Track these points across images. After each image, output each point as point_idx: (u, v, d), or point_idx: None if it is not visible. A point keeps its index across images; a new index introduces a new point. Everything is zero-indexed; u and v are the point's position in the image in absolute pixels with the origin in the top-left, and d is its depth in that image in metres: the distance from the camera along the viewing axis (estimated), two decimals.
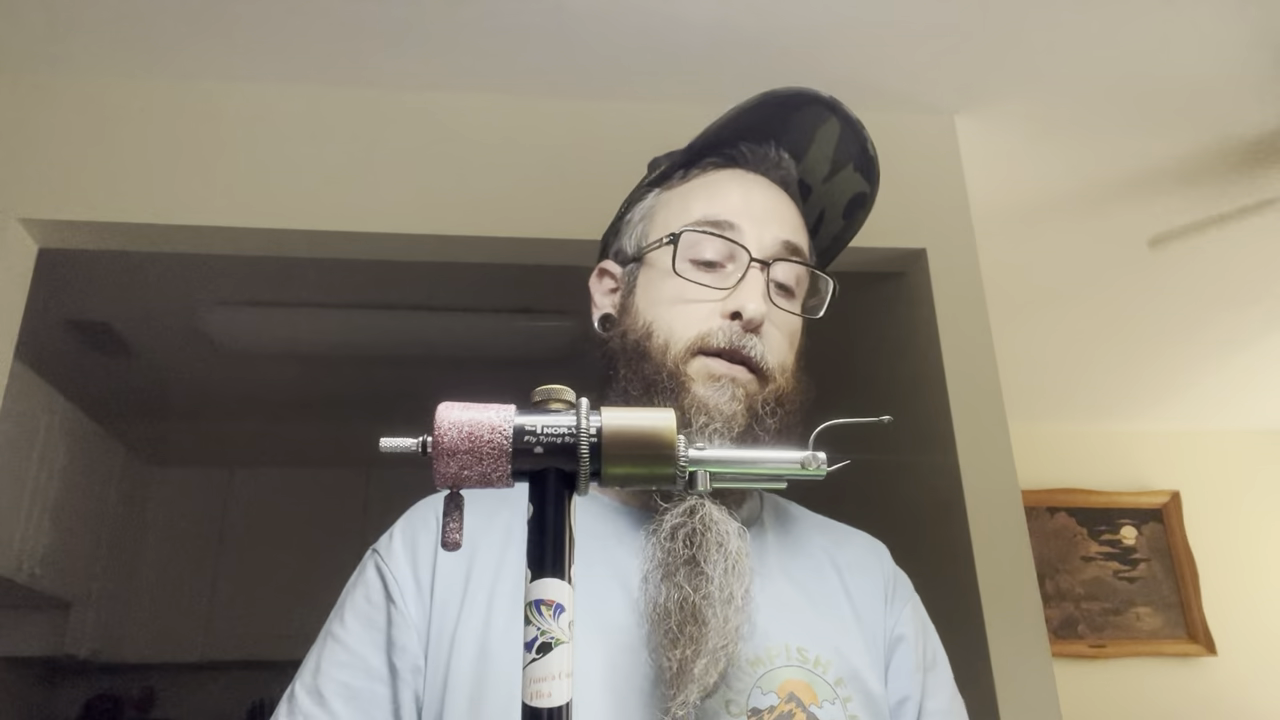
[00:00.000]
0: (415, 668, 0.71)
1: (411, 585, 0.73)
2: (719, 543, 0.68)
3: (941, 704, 0.79)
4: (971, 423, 1.80)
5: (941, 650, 0.84)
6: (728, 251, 0.78)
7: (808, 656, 0.71)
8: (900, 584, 0.84)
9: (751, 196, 0.82)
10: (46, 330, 2.75)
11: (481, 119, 1.88)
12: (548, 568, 0.48)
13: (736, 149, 0.85)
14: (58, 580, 2.98)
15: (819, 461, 0.53)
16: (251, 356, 2.96)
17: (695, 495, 0.70)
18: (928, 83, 1.87)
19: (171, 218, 1.74)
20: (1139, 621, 3.61)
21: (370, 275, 2.36)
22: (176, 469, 3.71)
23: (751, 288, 0.76)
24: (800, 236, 0.83)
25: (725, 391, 0.74)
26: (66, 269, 2.08)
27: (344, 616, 0.75)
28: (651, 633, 0.67)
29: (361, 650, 0.72)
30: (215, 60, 1.78)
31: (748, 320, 0.75)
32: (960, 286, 1.89)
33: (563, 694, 0.45)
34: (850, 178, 0.87)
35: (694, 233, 0.78)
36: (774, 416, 0.76)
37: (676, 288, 0.78)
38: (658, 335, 0.77)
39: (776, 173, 0.85)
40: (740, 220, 0.79)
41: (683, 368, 0.75)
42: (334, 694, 0.70)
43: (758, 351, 0.75)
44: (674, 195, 0.84)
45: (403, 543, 0.76)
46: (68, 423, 2.99)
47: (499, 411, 0.50)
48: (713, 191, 0.82)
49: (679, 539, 0.68)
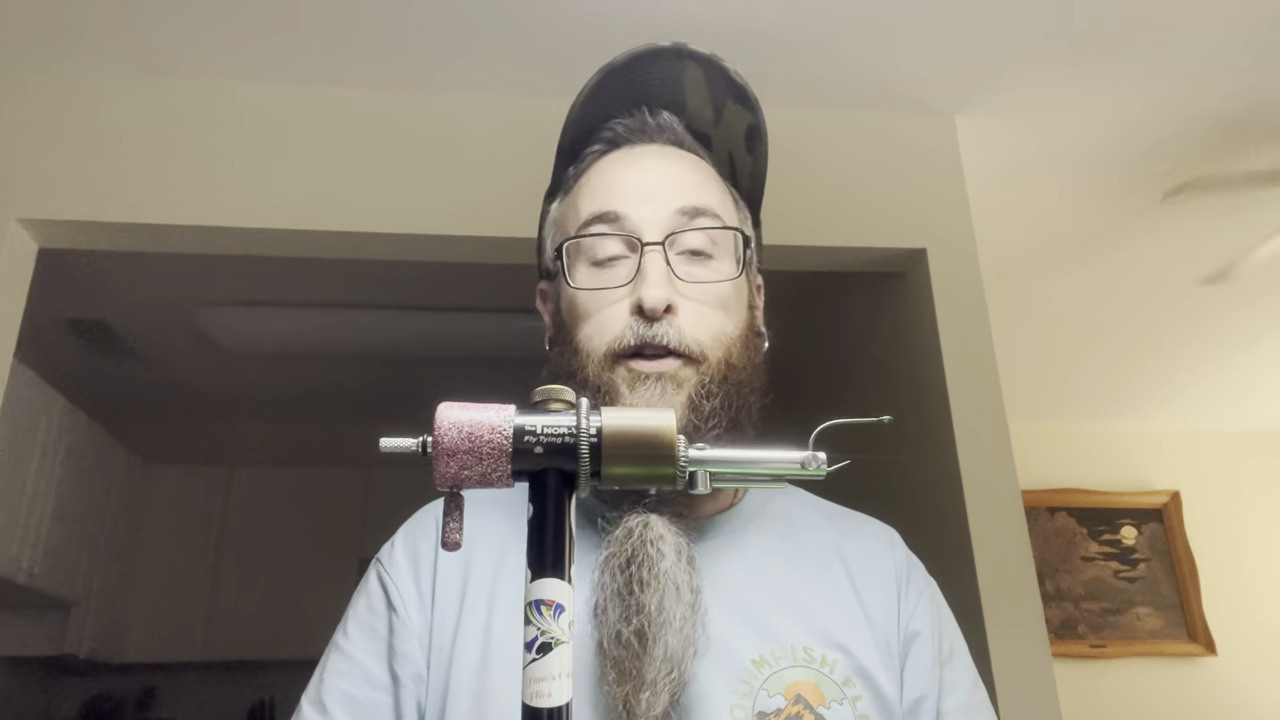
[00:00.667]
0: (418, 676, 0.70)
1: (413, 593, 0.73)
2: (651, 564, 0.66)
3: (960, 699, 0.75)
4: (971, 423, 1.80)
5: (960, 640, 0.80)
6: (623, 243, 0.74)
7: (814, 656, 0.69)
8: (914, 575, 0.80)
9: (637, 174, 0.78)
10: (46, 330, 2.75)
11: (481, 119, 1.88)
12: (548, 568, 0.48)
13: (611, 129, 0.81)
14: (58, 580, 2.98)
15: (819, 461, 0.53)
16: (251, 356, 2.96)
17: (639, 511, 0.68)
18: (928, 83, 1.87)
19: (171, 218, 1.74)
20: (1139, 621, 3.61)
21: (370, 275, 2.36)
22: (176, 469, 3.71)
23: (650, 273, 0.72)
24: (705, 193, 0.77)
25: (653, 390, 0.70)
26: (66, 269, 2.07)
27: (347, 627, 0.74)
28: (600, 665, 0.65)
29: (363, 660, 0.71)
30: (215, 60, 1.78)
31: (649, 310, 0.71)
32: (960, 286, 1.89)
33: (563, 694, 0.46)
34: (735, 111, 0.82)
35: (577, 239, 0.75)
36: (715, 398, 0.71)
37: (582, 301, 0.75)
38: (580, 351, 0.74)
39: (664, 135, 0.81)
40: (624, 205, 0.75)
41: (607, 377, 0.71)
42: (336, 704, 0.70)
43: (673, 336, 0.71)
44: (567, 203, 0.81)
45: (404, 550, 0.76)
46: (68, 423, 2.99)
47: (499, 411, 0.50)
48: (597, 186, 0.78)
49: (610, 569, 0.67)
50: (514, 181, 1.84)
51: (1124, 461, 3.80)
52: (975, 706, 0.76)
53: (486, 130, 1.87)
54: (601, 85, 0.80)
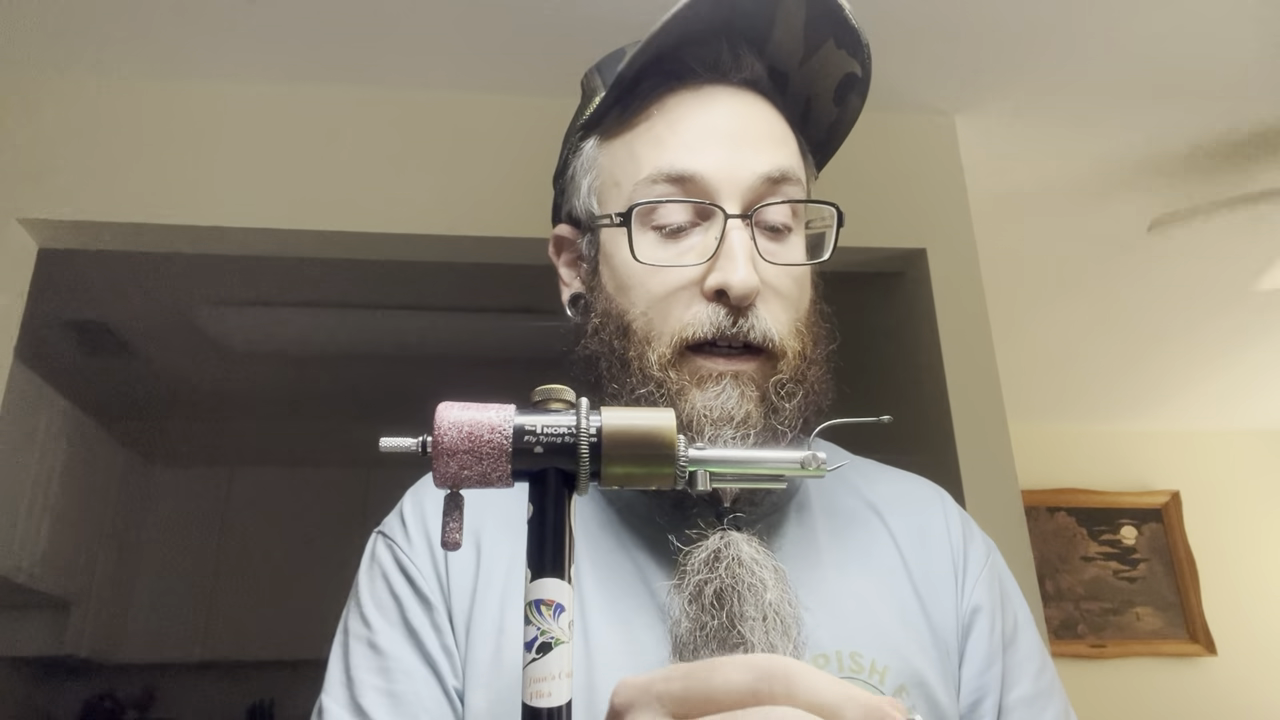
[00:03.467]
0: (451, 658, 0.62)
1: (431, 572, 0.65)
2: (755, 596, 0.58)
3: (1023, 691, 0.66)
4: (971, 423, 1.80)
5: (1023, 609, 0.71)
6: (693, 209, 0.64)
7: (862, 664, 0.61)
8: (971, 546, 0.70)
9: (712, 123, 0.66)
10: (46, 330, 2.75)
11: (481, 119, 1.88)
12: (548, 568, 0.48)
13: (679, 61, 0.68)
14: (58, 580, 2.98)
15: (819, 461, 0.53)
16: (251, 356, 2.96)
17: (719, 530, 0.60)
18: (928, 83, 1.87)
19: (171, 218, 1.74)
20: (1139, 621, 3.61)
21: (370, 275, 2.36)
22: (176, 469, 3.71)
23: (734, 251, 0.62)
24: (788, 155, 0.67)
25: (730, 394, 0.62)
26: (66, 269, 2.07)
27: (365, 614, 0.65)
28: None
29: (394, 650, 0.63)
30: (215, 60, 1.78)
31: (737, 298, 0.61)
32: (960, 286, 1.90)
33: (563, 694, 0.45)
34: (833, 56, 0.69)
35: (648, 205, 0.64)
36: (795, 398, 0.63)
37: (642, 275, 0.64)
38: (635, 333, 0.64)
39: (737, 75, 0.68)
40: (703, 165, 0.64)
41: (672, 375, 0.62)
42: (375, 704, 0.61)
43: (758, 331, 0.62)
44: (618, 144, 0.69)
45: (416, 525, 0.68)
46: (68, 423, 2.99)
47: (499, 411, 0.50)
48: (662, 132, 0.66)
49: (706, 600, 0.58)
50: (514, 181, 1.84)
51: (1124, 461, 3.80)
52: (1040, 695, 0.67)
53: (486, 130, 1.87)
54: (687, 8, 0.66)
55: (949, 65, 1.82)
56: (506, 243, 1.81)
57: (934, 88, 1.89)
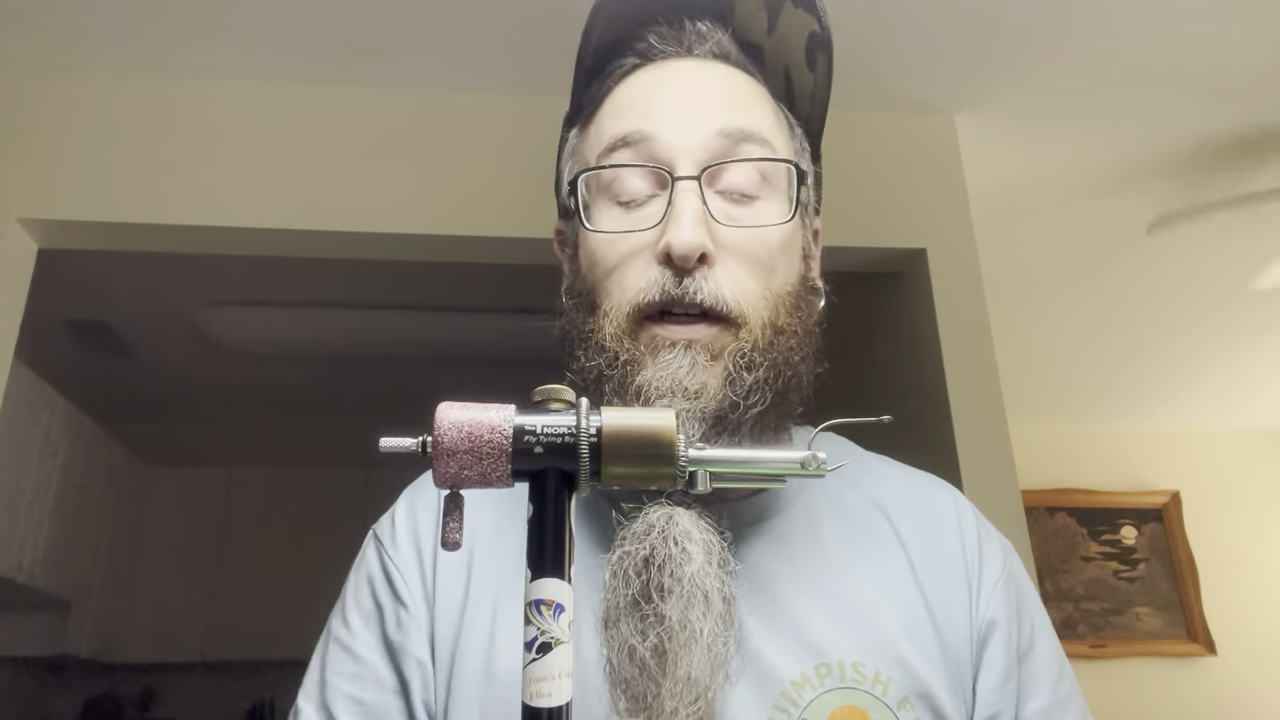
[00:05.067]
0: (425, 677, 0.62)
1: (418, 581, 0.64)
2: (674, 567, 0.55)
3: (1040, 703, 0.64)
4: (971, 423, 1.80)
5: (1040, 616, 0.69)
6: (652, 178, 0.62)
7: (865, 674, 0.59)
8: (986, 551, 0.67)
9: (671, 90, 0.65)
10: (46, 330, 2.75)
11: (481, 119, 1.88)
12: (547, 567, 0.48)
13: (642, 40, 0.67)
14: (58, 580, 2.98)
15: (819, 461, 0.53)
16: (251, 356, 2.96)
17: (660, 504, 0.58)
18: (928, 83, 1.87)
19: (171, 218, 1.74)
20: (1139, 621, 3.61)
21: (370, 275, 2.36)
22: (176, 469, 3.71)
23: (682, 213, 0.59)
24: (752, 116, 0.64)
25: (680, 362, 0.59)
26: (66, 269, 2.07)
27: (348, 617, 0.65)
28: (611, 693, 0.55)
29: (370, 657, 0.63)
30: (215, 60, 1.78)
31: (678, 258, 0.58)
32: (960, 286, 1.90)
33: (563, 694, 0.45)
34: (794, 16, 0.68)
35: (596, 170, 0.63)
36: (758, 369, 0.60)
37: (602, 245, 0.62)
38: (598, 309, 0.62)
39: (704, 47, 0.67)
40: (656, 127, 0.62)
41: (626, 344, 0.60)
42: (344, 710, 0.61)
43: (707, 292, 0.59)
44: (590, 128, 0.68)
45: (406, 530, 0.67)
46: (68, 423, 2.99)
47: (499, 411, 0.50)
48: (623, 102, 0.65)
49: (624, 572, 0.56)
50: (513, 181, 1.84)
51: (1124, 461, 3.80)
52: (1058, 705, 0.65)
53: (487, 130, 1.87)
54: None
55: (949, 65, 1.82)
56: (506, 243, 1.81)
57: (934, 88, 1.89)
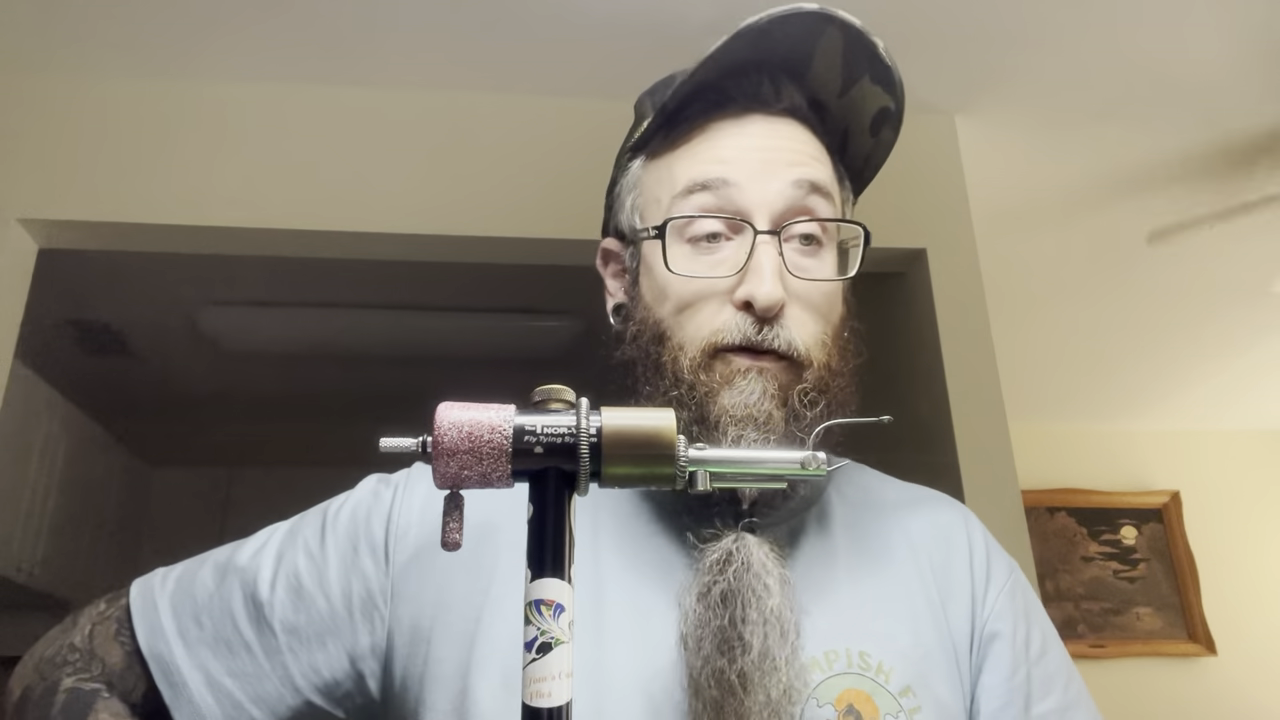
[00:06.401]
0: (370, 667, 0.67)
1: (412, 542, 0.69)
2: (757, 600, 0.61)
3: (1052, 704, 0.69)
4: (971, 423, 1.80)
5: (1051, 633, 0.74)
6: (727, 224, 0.69)
7: (870, 663, 0.64)
8: (994, 565, 0.73)
9: (747, 141, 0.70)
10: (46, 330, 2.75)
11: (481, 119, 1.88)
12: (548, 568, 0.48)
13: (721, 91, 0.73)
14: (58, 580, 2.98)
15: (819, 461, 0.53)
16: (251, 356, 2.96)
17: (733, 533, 0.64)
18: (928, 83, 1.87)
19: (171, 218, 1.74)
20: (1139, 621, 3.61)
21: (370, 275, 2.36)
22: (176, 469, 3.71)
23: (761, 265, 0.66)
24: (819, 168, 0.71)
25: (754, 387, 0.65)
26: (66, 269, 2.07)
27: (327, 532, 0.71)
28: (693, 704, 0.60)
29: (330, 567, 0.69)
30: (215, 60, 1.78)
31: (762, 310, 0.65)
32: (960, 286, 1.89)
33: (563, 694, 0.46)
34: (869, 91, 0.74)
35: (681, 219, 0.69)
36: (818, 406, 0.66)
37: (676, 285, 0.68)
38: (669, 339, 0.68)
39: (777, 104, 0.73)
40: (734, 174, 0.68)
41: (702, 377, 0.66)
42: (282, 579, 0.69)
43: (783, 340, 0.66)
44: (660, 164, 0.73)
45: (424, 495, 0.71)
46: (68, 423, 2.99)
47: (499, 411, 0.50)
48: (699, 149, 0.71)
49: (712, 600, 0.62)
50: (514, 181, 1.84)
51: (1124, 461, 3.80)
52: (1070, 707, 0.70)
53: (486, 130, 1.87)
54: (728, 46, 0.70)
55: (949, 65, 1.82)
56: (507, 243, 1.81)
57: (934, 88, 1.89)
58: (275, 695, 0.66)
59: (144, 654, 0.68)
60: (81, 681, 0.66)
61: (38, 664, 0.69)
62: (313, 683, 0.67)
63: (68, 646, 0.70)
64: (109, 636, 0.70)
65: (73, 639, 0.70)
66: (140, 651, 0.68)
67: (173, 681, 0.66)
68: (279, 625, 0.67)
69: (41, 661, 0.70)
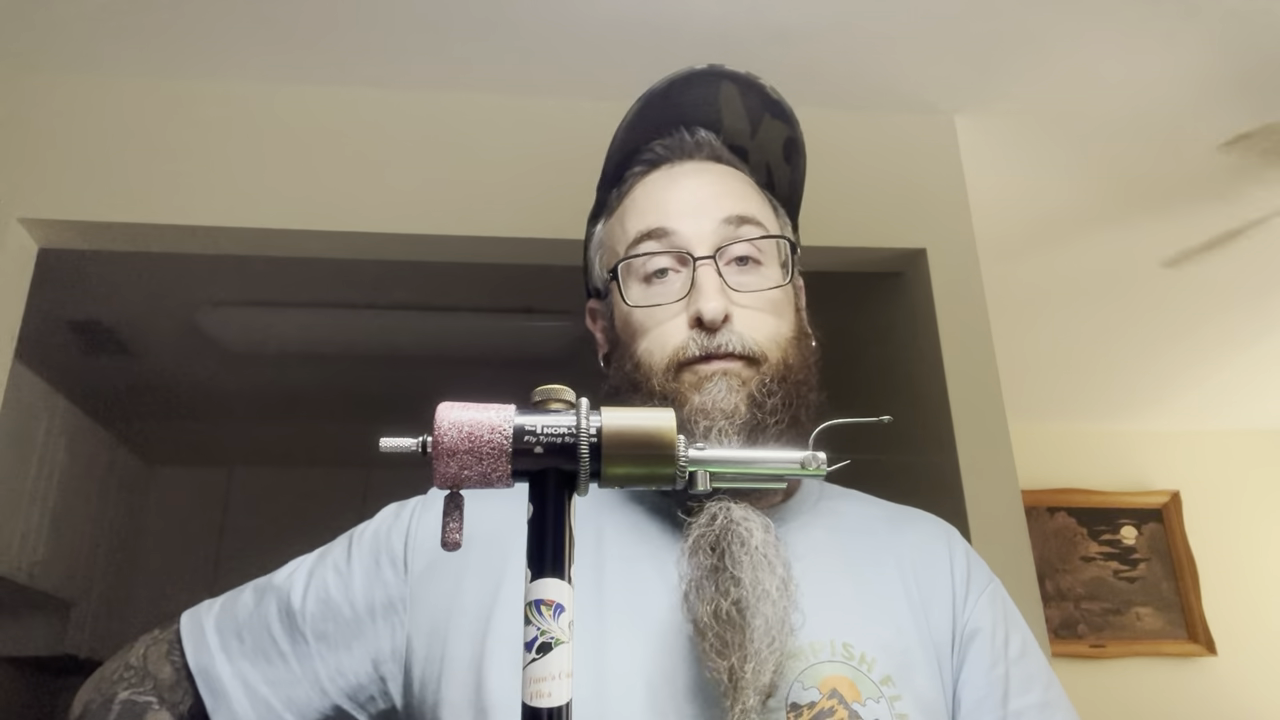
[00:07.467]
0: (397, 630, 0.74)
1: (428, 553, 0.75)
2: (741, 541, 0.68)
3: (1032, 699, 0.74)
4: (971, 423, 1.80)
5: (1029, 637, 0.80)
6: (672, 258, 0.78)
7: (853, 653, 0.70)
8: (974, 573, 0.80)
9: (680, 189, 0.81)
10: (46, 330, 2.74)
11: (481, 119, 1.88)
12: (548, 568, 0.48)
13: (651, 151, 0.84)
14: (58, 580, 2.98)
15: (819, 461, 0.53)
16: (251, 356, 2.96)
17: (717, 502, 0.70)
18: (928, 83, 1.87)
19: (171, 218, 1.74)
20: (1139, 621, 3.61)
21: (370, 275, 2.36)
22: (176, 469, 3.71)
23: (704, 286, 0.75)
24: (747, 203, 0.81)
25: (719, 386, 0.73)
26: (66, 269, 2.07)
27: (352, 554, 0.78)
28: (699, 645, 0.66)
29: (357, 582, 0.76)
30: (216, 60, 1.78)
31: (709, 321, 0.74)
32: (960, 286, 1.89)
33: (563, 694, 0.46)
34: (772, 126, 0.86)
35: (629, 259, 0.79)
36: (776, 395, 0.74)
37: (639, 316, 0.78)
38: (642, 365, 0.77)
39: (702, 152, 0.84)
40: (671, 220, 0.78)
41: (672, 385, 0.74)
42: (312, 613, 0.75)
43: (735, 342, 0.74)
44: (614, 222, 0.84)
45: (438, 514, 0.77)
46: (68, 423, 2.99)
47: (499, 411, 0.50)
48: (642, 204, 0.81)
49: (702, 549, 0.68)
50: (514, 182, 1.84)
51: (1124, 461, 3.80)
52: (1049, 705, 0.75)
53: (486, 130, 1.87)
54: (641, 112, 0.83)
55: (949, 65, 1.82)
56: (507, 243, 1.81)
57: (934, 88, 1.89)
58: (305, 699, 0.73)
59: (191, 669, 0.76)
60: (135, 694, 0.75)
61: (97, 682, 0.77)
62: (339, 686, 0.73)
63: (124, 665, 0.78)
64: (161, 656, 0.78)
65: (129, 659, 0.78)
66: (189, 668, 0.76)
67: (215, 691, 0.74)
68: (310, 632, 0.75)
69: (101, 680, 0.77)
